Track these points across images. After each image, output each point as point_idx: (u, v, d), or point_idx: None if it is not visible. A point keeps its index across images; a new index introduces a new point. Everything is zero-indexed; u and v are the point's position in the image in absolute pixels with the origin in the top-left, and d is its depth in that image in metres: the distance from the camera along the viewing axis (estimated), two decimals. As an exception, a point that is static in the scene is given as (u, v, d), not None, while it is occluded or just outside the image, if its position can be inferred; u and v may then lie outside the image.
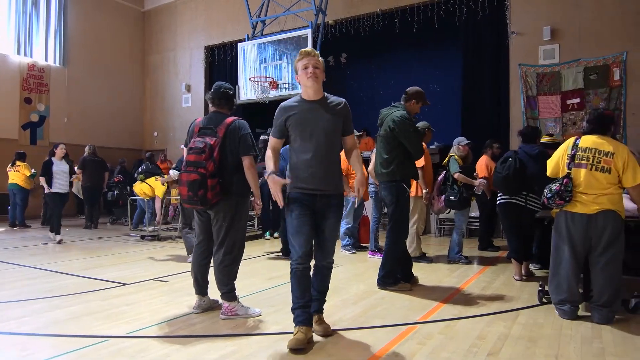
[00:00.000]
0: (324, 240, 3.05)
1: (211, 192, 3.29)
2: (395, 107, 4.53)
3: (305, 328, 2.92)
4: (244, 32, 11.08)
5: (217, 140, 3.38)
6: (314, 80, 2.93)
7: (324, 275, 3.14)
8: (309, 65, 2.93)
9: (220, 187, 3.35)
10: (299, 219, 2.95)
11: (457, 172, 5.76)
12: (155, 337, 3.12)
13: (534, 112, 8.59)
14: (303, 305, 2.96)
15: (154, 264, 5.86)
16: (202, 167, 3.29)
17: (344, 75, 12.30)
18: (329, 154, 2.99)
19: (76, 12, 13.01)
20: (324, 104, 3.01)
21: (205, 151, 3.32)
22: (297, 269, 2.95)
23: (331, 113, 3.00)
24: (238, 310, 3.53)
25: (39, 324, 3.39)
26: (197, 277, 3.67)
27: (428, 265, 5.72)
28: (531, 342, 3.04)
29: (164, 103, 14.17)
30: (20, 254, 6.48)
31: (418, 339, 3.09)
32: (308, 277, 3.00)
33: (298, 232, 2.94)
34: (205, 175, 3.27)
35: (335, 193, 3.04)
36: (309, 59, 2.94)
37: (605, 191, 3.41)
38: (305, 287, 2.98)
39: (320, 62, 2.99)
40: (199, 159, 3.32)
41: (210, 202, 3.33)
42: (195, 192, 3.27)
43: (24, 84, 11.90)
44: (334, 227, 3.07)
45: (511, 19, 8.79)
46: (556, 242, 3.65)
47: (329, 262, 3.11)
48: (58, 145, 8.03)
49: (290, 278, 3.00)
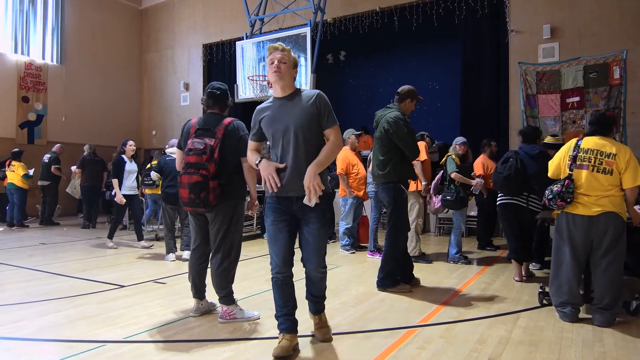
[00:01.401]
0: (307, 247, 2.84)
1: (212, 194, 3.25)
2: (390, 108, 4.52)
3: (290, 335, 2.84)
4: (242, 31, 11.02)
5: (216, 141, 3.33)
6: (277, 75, 2.76)
7: (315, 281, 2.96)
8: (275, 59, 2.77)
9: (220, 189, 3.30)
10: (274, 226, 2.82)
11: (454, 172, 5.74)
12: (152, 341, 3.09)
13: (533, 110, 8.55)
14: (286, 314, 2.86)
15: (152, 265, 5.82)
16: (204, 169, 3.23)
17: (343, 74, 12.26)
18: (304, 152, 2.75)
19: (73, 10, 12.93)
20: (294, 100, 2.82)
21: (206, 152, 3.26)
22: (277, 278, 2.85)
23: (303, 107, 2.78)
24: (237, 314, 3.50)
25: (35, 328, 3.36)
26: (194, 280, 3.63)
27: (427, 266, 5.69)
28: (532, 346, 3.02)
29: (162, 101, 14.11)
30: (18, 255, 6.44)
31: (418, 343, 3.06)
32: (290, 285, 2.88)
33: (273, 240, 2.82)
34: (207, 177, 3.23)
35: None
36: (274, 53, 2.79)
37: (607, 193, 3.39)
38: (287, 296, 2.87)
39: (288, 56, 2.81)
40: (200, 160, 3.26)
41: (212, 204, 3.28)
42: (197, 194, 3.22)
43: (21, 83, 11.82)
44: (317, 232, 2.81)
45: (511, 17, 8.74)
46: (557, 243, 3.63)
47: (320, 270, 2.91)
48: (127, 142, 7.17)
49: (272, 286, 2.89)
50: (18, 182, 9.66)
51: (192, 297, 3.68)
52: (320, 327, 3.08)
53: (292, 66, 2.84)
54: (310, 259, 2.87)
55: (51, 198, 10.38)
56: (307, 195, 2.68)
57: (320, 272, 2.92)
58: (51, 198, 10.38)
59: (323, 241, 2.89)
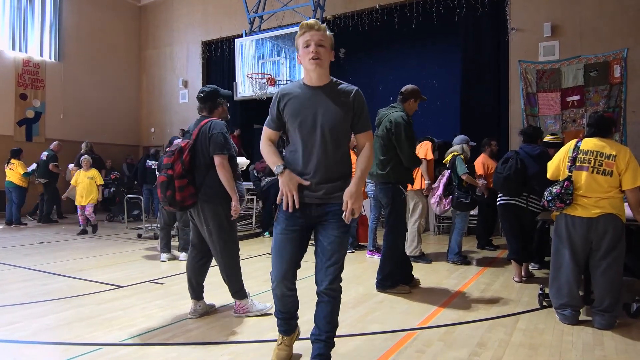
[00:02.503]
0: (323, 259, 2.42)
1: (180, 193, 3.32)
2: (394, 108, 4.46)
3: (288, 338, 2.71)
4: (241, 28, 10.97)
5: (189, 142, 3.43)
6: (316, 62, 2.35)
7: (326, 305, 2.45)
8: (312, 42, 2.35)
9: (192, 188, 3.37)
10: (283, 235, 2.45)
11: (465, 173, 5.71)
12: (149, 344, 3.06)
13: (533, 109, 8.52)
14: (285, 318, 2.63)
15: (150, 264, 5.79)
16: (170, 169, 3.35)
17: (343, 71, 12.18)
18: (332, 153, 2.41)
19: (71, 7, 12.86)
20: (330, 92, 2.43)
21: (174, 153, 3.38)
22: (276, 291, 2.52)
23: (338, 102, 2.41)
24: (249, 308, 3.61)
25: (32, 330, 3.33)
26: (191, 280, 3.62)
27: (427, 266, 5.67)
28: (532, 349, 3.00)
29: (161, 99, 14.06)
30: (16, 254, 6.41)
31: (417, 346, 3.04)
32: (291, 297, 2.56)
33: (279, 250, 2.46)
34: (172, 177, 3.32)
35: (337, 202, 2.41)
36: (311, 33, 2.36)
37: (607, 195, 3.36)
38: (288, 306, 2.58)
39: (326, 37, 2.40)
40: (169, 161, 3.38)
41: (182, 203, 3.36)
42: (164, 192, 3.34)
43: (19, 80, 11.77)
44: (337, 244, 2.41)
45: (511, 15, 8.70)
46: (557, 245, 3.60)
47: (332, 289, 2.43)
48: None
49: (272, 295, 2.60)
50: (17, 181, 9.63)
51: (190, 299, 3.65)
52: None
53: (331, 48, 2.43)
54: (324, 274, 2.42)
55: (49, 196, 10.34)
56: (346, 213, 2.36)
57: (335, 292, 2.45)
58: (49, 196, 10.34)
59: (343, 254, 2.46)
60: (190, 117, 13.15)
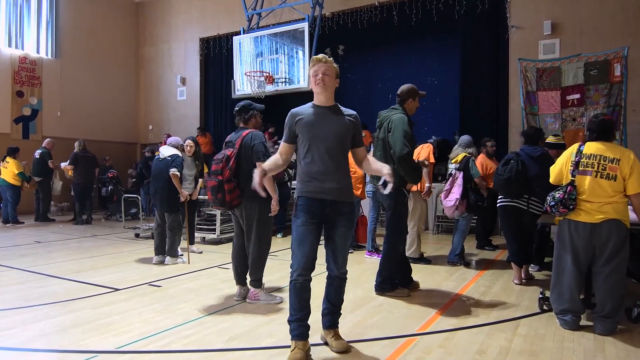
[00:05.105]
0: (335, 249, 2.97)
1: (229, 195, 3.88)
2: (395, 110, 4.37)
3: (302, 343, 2.84)
4: (239, 25, 10.89)
5: (234, 151, 3.98)
6: (322, 86, 2.93)
7: (337, 286, 3.05)
8: (319, 72, 2.94)
9: (239, 191, 3.92)
10: (305, 227, 2.88)
11: (479, 177, 5.68)
12: (145, 352, 3.02)
13: (533, 107, 8.47)
14: (300, 319, 2.86)
15: (147, 266, 5.73)
16: (220, 175, 3.89)
17: (341, 68, 11.72)
18: (340, 159, 2.95)
19: (68, 3, 12.73)
20: (336, 111, 3.00)
21: (222, 161, 3.93)
22: (297, 281, 2.86)
23: (343, 121, 2.97)
24: (260, 297, 4.09)
25: (26, 336, 3.29)
26: (237, 269, 4.21)
27: (426, 267, 5.63)
28: (533, 356, 2.96)
29: (158, 96, 13.96)
30: (12, 255, 6.36)
31: (417, 353, 3.00)
32: (308, 290, 2.90)
33: (301, 241, 2.87)
34: (222, 182, 3.87)
35: (346, 201, 2.96)
36: (319, 65, 2.95)
37: (610, 199, 3.32)
38: (304, 301, 2.88)
39: (332, 68, 2.97)
40: (218, 167, 3.93)
41: (231, 203, 3.92)
42: (215, 195, 3.90)
43: (15, 77, 11.67)
44: (345, 236, 2.99)
45: (511, 13, 8.63)
46: (559, 250, 3.56)
47: (342, 273, 3.03)
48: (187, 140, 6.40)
49: (289, 289, 2.90)
50: (10, 179, 9.53)
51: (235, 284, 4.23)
52: (337, 337, 3.05)
53: (335, 77, 3.00)
54: (337, 261, 2.98)
55: (45, 194, 10.27)
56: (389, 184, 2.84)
57: (344, 275, 3.06)
58: (45, 194, 10.27)
59: (349, 245, 3.18)
60: (189, 114, 13.11)
